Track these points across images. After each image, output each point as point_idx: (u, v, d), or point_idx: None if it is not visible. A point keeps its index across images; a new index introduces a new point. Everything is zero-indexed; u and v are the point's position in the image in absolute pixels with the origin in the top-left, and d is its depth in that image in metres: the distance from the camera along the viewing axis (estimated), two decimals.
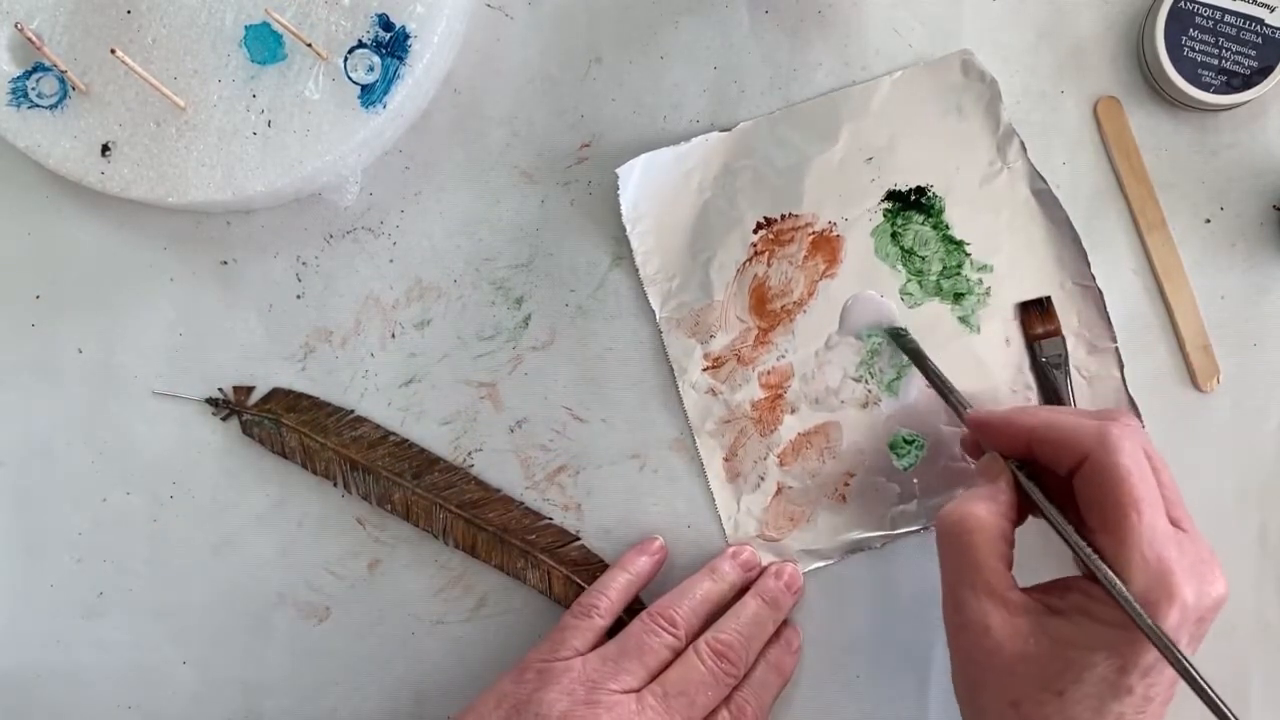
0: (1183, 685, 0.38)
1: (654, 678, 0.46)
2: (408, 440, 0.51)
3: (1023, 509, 0.44)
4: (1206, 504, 0.49)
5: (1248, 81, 0.48)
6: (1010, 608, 0.41)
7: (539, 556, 0.51)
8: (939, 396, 0.49)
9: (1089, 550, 0.40)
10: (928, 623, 0.51)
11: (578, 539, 0.51)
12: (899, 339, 0.50)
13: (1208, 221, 0.51)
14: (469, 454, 0.51)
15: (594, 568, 0.51)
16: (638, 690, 0.45)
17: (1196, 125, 0.51)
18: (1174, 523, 0.40)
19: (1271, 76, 0.48)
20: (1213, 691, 0.37)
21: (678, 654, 0.47)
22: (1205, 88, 0.49)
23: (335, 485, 0.51)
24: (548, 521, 0.51)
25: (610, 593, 0.48)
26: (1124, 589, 0.38)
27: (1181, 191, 0.51)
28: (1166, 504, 0.40)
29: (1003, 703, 0.41)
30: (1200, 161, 0.51)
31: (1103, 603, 0.39)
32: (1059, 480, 0.43)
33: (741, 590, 0.50)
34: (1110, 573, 0.39)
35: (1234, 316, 0.51)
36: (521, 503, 0.51)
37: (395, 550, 0.51)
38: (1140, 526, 0.39)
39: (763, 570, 0.50)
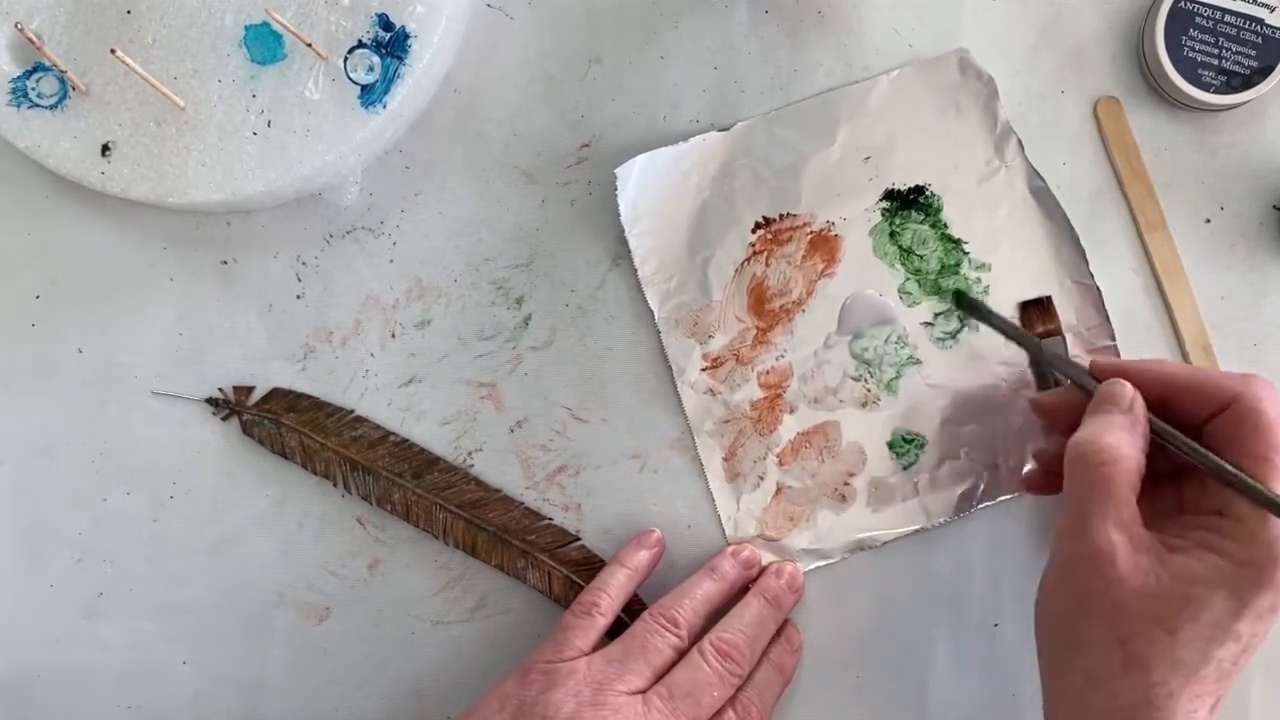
0: None
1: (659, 678, 0.46)
2: (408, 440, 0.51)
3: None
4: None
5: (1248, 81, 0.48)
6: (1135, 542, 0.41)
7: (539, 556, 0.51)
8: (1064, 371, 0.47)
9: (1233, 470, 0.40)
10: (928, 622, 0.51)
11: (578, 539, 0.51)
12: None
13: (1208, 221, 0.51)
14: (469, 454, 0.51)
15: (594, 568, 0.51)
16: (643, 691, 0.45)
17: (1196, 125, 0.51)
18: None
19: (1271, 76, 0.48)
20: None
21: (681, 654, 0.47)
22: (1205, 88, 0.49)
23: (335, 485, 0.51)
24: (548, 521, 0.51)
25: (610, 590, 0.48)
26: (1271, 493, 0.39)
27: (1181, 191, 0.51)
28: None
29: (1109, 638, 0.40)
30: (1200, 161, 0.51)
31: (1229, 538, 0.40)
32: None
33: (742, 590, 0.50)
34: (1252, 481, 0.40)
35: (1234, 316, 0.50)
36: (521, 503, 0.51)
37: (395, 550, 0.51)
38: None
39: (763, 569, 0.50)
